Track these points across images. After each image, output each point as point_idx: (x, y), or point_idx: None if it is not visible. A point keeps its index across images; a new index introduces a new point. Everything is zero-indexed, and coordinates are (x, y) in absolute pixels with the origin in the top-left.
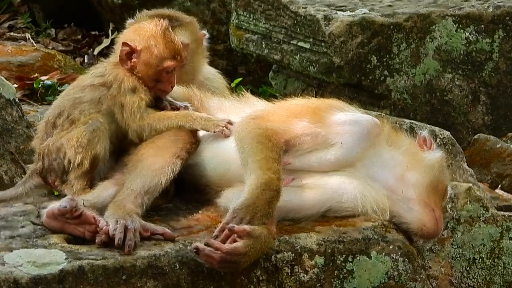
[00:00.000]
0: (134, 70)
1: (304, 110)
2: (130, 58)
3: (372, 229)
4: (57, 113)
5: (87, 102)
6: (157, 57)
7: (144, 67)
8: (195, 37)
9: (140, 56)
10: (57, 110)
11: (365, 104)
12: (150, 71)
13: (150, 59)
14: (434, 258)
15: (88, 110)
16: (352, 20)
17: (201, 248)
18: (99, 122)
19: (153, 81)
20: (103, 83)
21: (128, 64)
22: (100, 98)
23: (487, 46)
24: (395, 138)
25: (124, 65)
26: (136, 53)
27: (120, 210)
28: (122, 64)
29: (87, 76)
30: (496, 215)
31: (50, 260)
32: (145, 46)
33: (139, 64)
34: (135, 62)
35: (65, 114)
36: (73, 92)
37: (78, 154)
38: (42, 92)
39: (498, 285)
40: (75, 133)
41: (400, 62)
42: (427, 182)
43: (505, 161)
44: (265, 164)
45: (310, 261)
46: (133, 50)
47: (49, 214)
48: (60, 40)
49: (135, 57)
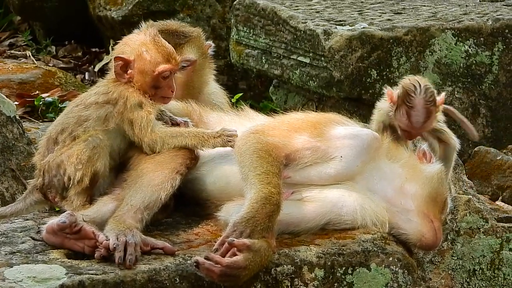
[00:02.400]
0: (132, 82)
1: (304, 124)
2: (125, 70)
3: (371, 241)
4: (60, 130)
5: (93, 120)
6: (151, 62)
7: (140, 76)
8: (202, 50)
9: (135, 66)
10: (60, 127)
11: (366, 118)
12: (147, 79)
13: (144, 66)
14: (434, 270)
15: (94, 128)
16: (351, 35)
17: (201, 262)
18: (99, 139)
19: (152, 88)
20: (108, 100)
21: (125, 77)
22: (106, 115)
23: (486, 59)
24: (394, 152)
25: (122, 79)
26: (130, 64)
27: (120, 225)
28: (119, 78)
29: (90, 94)
30: (496, 226)
31: (51, 275)
32: (137, 55)
33: (136, 74)
34: (131, 74)
35: (68, 131)
36: (77, 110)
37: (78, 171)
38: (43, 109)
39: None
40: (75, 150)
41: (400, 75)
42: (426, 194)
43: (505, 173)
44: (266, 178)
45: (310, 273)
46: (126, 62)
47: (49, 229)
48: (61, 57)
49: (130, 68)
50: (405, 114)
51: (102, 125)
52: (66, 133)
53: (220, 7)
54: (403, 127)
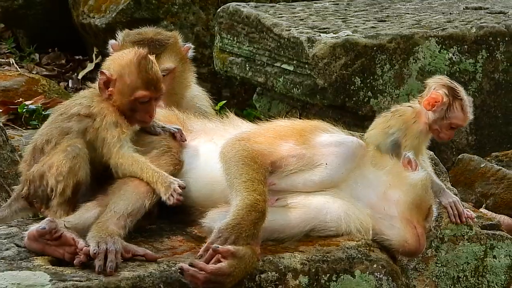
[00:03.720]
0: (111, 99)
1: (290, 131)
2: (107, 87)
3: (355, 248)
4: (45, 140)
5: (74, 132)
6: (129, 86)
7: (119, 96)
8: (180, 56)
9: (115, 85)
10: (45, 137)
11: (349, 125)
12: (124, 100)
13: (123, 88)
14: (418, 277)
15: (74, 140)
16: (335, 42)
17: (186, 269)
18: (78, 148)
19: (129, 110)
20: (89, 114)
21: (106, 93)
22: (86, 129)
23: (470, 67)
24: (379, 159)
25: (103, 93)
26: (112, 82)
27: (102, 231)
28: (101, 92)
29: (74, 103)
30: (480, 233)
31: (35, 282)
32: (119, 75)
33: (115, 93)
34: (112, 91)
35: (52, 142)
36: (61, 119)
37: (60, 183)
38: (26, 116)
39: None
40: (55, 161)
41: (383, 83)
42: (410, 200)
43: (489, 181)
44: (251, 185)
45: (294, 280)
46: (108, 79)
47: (30, 236)
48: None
49: (111, 86)
50: (459, 108)
51: (83, 138)
52: (51, 144)
53: (204, 14)
54: (456, 122)
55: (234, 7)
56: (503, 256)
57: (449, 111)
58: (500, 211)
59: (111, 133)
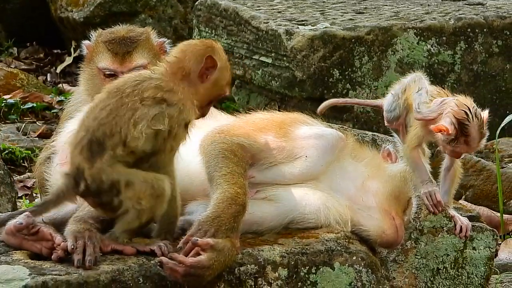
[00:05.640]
0: (197, 86)
1: (269, 124)
2: (207, 73)
3: (335, 240)
4: (109, 132)
5: (148, 120)
6: (225, 80)
7: (210, 86)
8: (153, 51)
9: (214, 74)
10: (107, 128)
11: (328, 117)
12: (214, 92)
13: (219, 80)
14: (398, 269)
15: (148, 130)
16: (313, 34)
17: (165, 262)
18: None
19: (207, 102)
20: (166, 99)
21: (204, 80)
22: (159, 115)
23: (449, 58)
24: (359, 151)
25: (199, 79)
26: (214, 69)
27: (80, 225)
28: (200, 79)
29: (145, 86)
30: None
31: (14, 276)
32: (222, 67)
33: (210, 81)
34: (208, 79)
35: (118, 136)
36: (131, 104)
37: (134, 209)
38: (5, 110)
39: None
40: (137, 186)
41: (362, 75)
42: (388, 191)
43: (468, 172)
44: (231, 178)
45: (274, 273)
46: (214, 65)
47: (8, 230)
48: (23, 59)
49: (210, 74)
50: (463, 143)
51: (156, 125)
52: (116, 139)
53: (182, 7)
54: (459, 152)
55: (212, 0)
56: (483, 247)
57: (454, 142)
58: (480, 202)
59: (183, 134)
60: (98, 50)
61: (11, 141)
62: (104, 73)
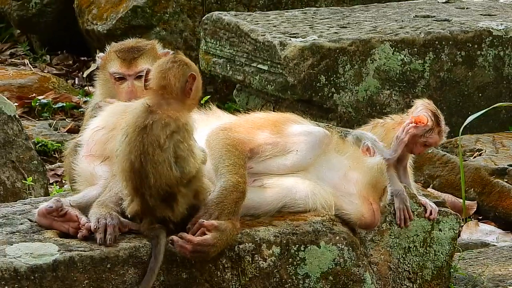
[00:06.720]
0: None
1: (266, 122)
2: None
3: (321, 222)
4: (164, 185)
5: (176, 158)
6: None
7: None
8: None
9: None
10: (159, 183)
11: (316, 117)
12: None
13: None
14: (375, 247)
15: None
16: (303, 45)
17: (176, 240)
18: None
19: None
20: (174, 131)
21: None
22: (177, 149)
23: (419, 66)
24: (342, 146)
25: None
26: (194, 81)
27: (102, 209)
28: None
29: (157, 134)
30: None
31: (45, 252)
32: (198, 74)
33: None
34: (191, 90)
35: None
36: (157, 156)
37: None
38: (39, 109)
39: (430, 269)
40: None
41: (345, 80)
42: (367, 180)
43: (435, 164)
44: (233, 169)
45: (268, 250)
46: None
47: (40, 213)
48: (54, 65)
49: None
50: (437, 133)
51: (183, 154)
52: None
53: (191, 22)
54: (431, 142)
55: (217, 15)
56: (448, 229)
57: (428, 132)
58: (445, 190)
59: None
60: (109, 58)
61: (44, 136)
62: (115, 77)
